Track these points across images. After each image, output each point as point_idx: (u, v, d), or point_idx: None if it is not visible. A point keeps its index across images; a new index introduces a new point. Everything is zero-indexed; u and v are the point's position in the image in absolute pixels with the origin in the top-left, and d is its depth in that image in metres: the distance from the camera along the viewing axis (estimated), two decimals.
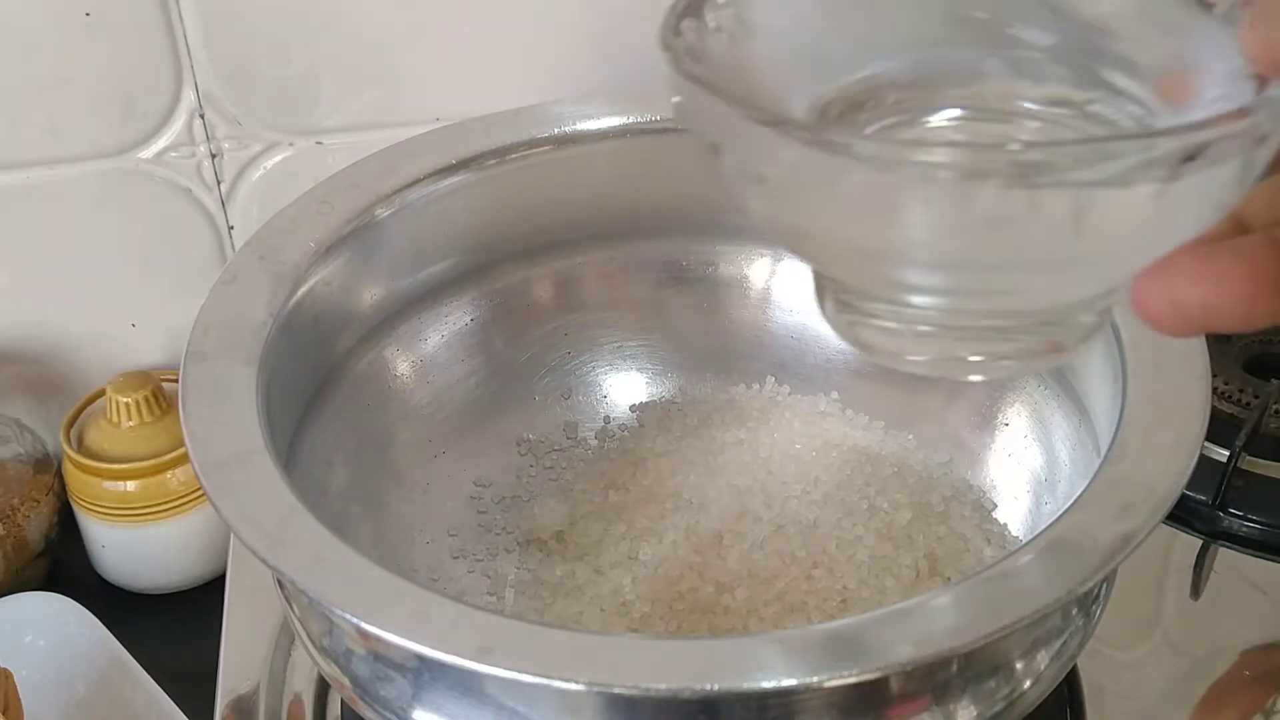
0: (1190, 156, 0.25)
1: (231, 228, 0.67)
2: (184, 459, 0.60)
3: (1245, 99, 0.27)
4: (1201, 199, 0.27)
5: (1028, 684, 0.41)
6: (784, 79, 0.32)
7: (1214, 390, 0.52)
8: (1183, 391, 0.42)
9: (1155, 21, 0.32)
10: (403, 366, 0.56)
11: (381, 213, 0.53)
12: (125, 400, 0.61)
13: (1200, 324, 0.28)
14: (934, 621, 0.35)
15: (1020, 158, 0.25)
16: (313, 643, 0.44)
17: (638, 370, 0.61)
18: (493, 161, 0.55)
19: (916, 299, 0.30)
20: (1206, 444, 0.41)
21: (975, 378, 0.46)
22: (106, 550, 0.63)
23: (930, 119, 0.33)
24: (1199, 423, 0.41)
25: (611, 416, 0.60)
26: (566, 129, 0.56)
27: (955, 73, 0.33)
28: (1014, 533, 0.52)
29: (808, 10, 0.33)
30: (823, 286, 0.32)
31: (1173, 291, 0.28)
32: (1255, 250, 0.28)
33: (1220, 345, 0.63)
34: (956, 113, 0.33)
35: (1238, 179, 0.27)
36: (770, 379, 0.59)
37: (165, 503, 0.61)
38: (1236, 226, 0.29)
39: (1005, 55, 0.33)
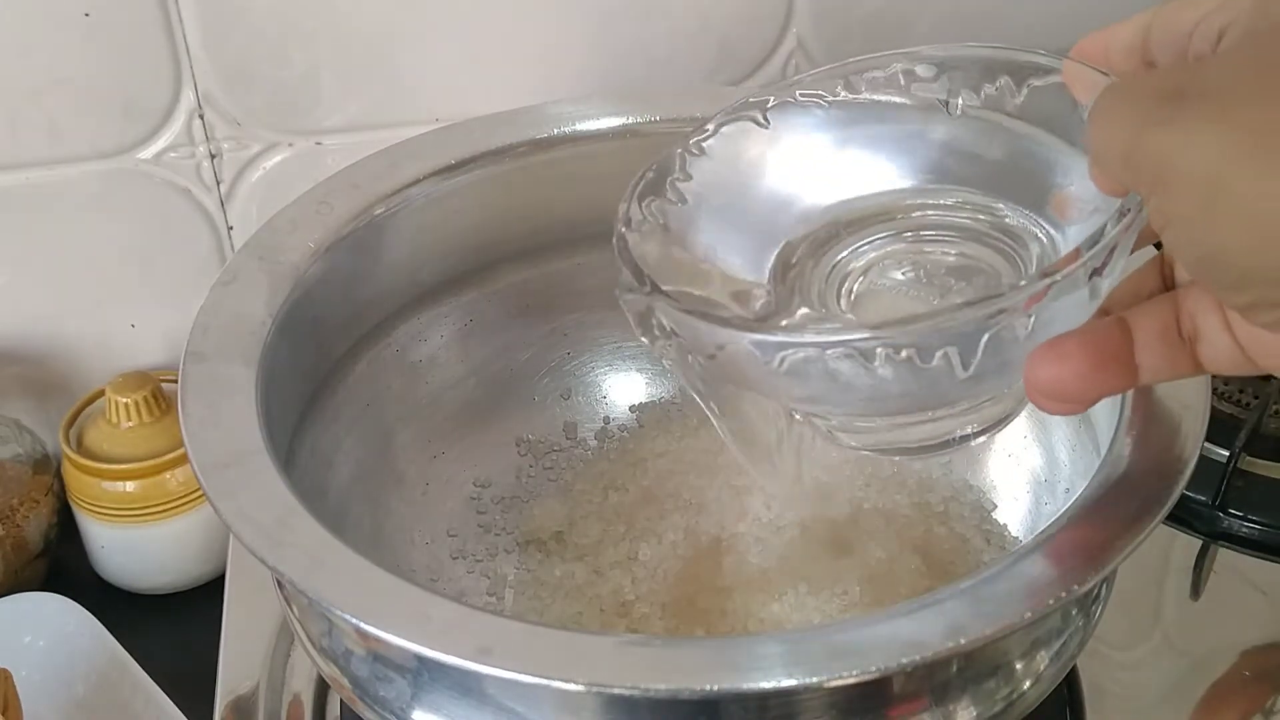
0: (1040, 296, 0.31)
1: (231, 228, 0.67)
2: (183, 459, 0.60)
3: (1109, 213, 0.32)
4: (1066, 309, 0.32)
5: (1028, 684, 0.41)
6: (732, 239, 0.40)
7: (1214, 390, 0.52)
8: (1183, 391, 0.42)
9: (1038, 160, 0.38)
10: (402, 367, 0.56)
11: (381, 213, 0.53)
12: (125, 401, 0.61)
13: (1057, 400, 0.32)
14: (934, 621, 0.35)
15: (900, 337, 0.31)
16: (312, 643, 0.44)
17: (637, 370, 0.61)
18: (493, 161, 0.55)
19: (856, 421, 0.38)
20: (1206, 444, 0.41)
21: (927, 457, 0.50)
22: (106, 550, 0.63)
23: (860, 255, 0.39)
24: (1199, 423, 0.41)
25: (611, 417, 0.60)
26: (566, 129, 0.56)
27: (876, 212, 0.40)
28: (1014, 533, 0.52)
29: (743, 182, 0.41)
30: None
31: (1030, 372, 0.32)
32: (1101, 331, 0.32)
33: None
34: (882, 247, 0.39)
35: (1091, 292, 0.32)
36: None
37: (165, 503, 0.61)
38: (1101, 314, 0.33)
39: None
